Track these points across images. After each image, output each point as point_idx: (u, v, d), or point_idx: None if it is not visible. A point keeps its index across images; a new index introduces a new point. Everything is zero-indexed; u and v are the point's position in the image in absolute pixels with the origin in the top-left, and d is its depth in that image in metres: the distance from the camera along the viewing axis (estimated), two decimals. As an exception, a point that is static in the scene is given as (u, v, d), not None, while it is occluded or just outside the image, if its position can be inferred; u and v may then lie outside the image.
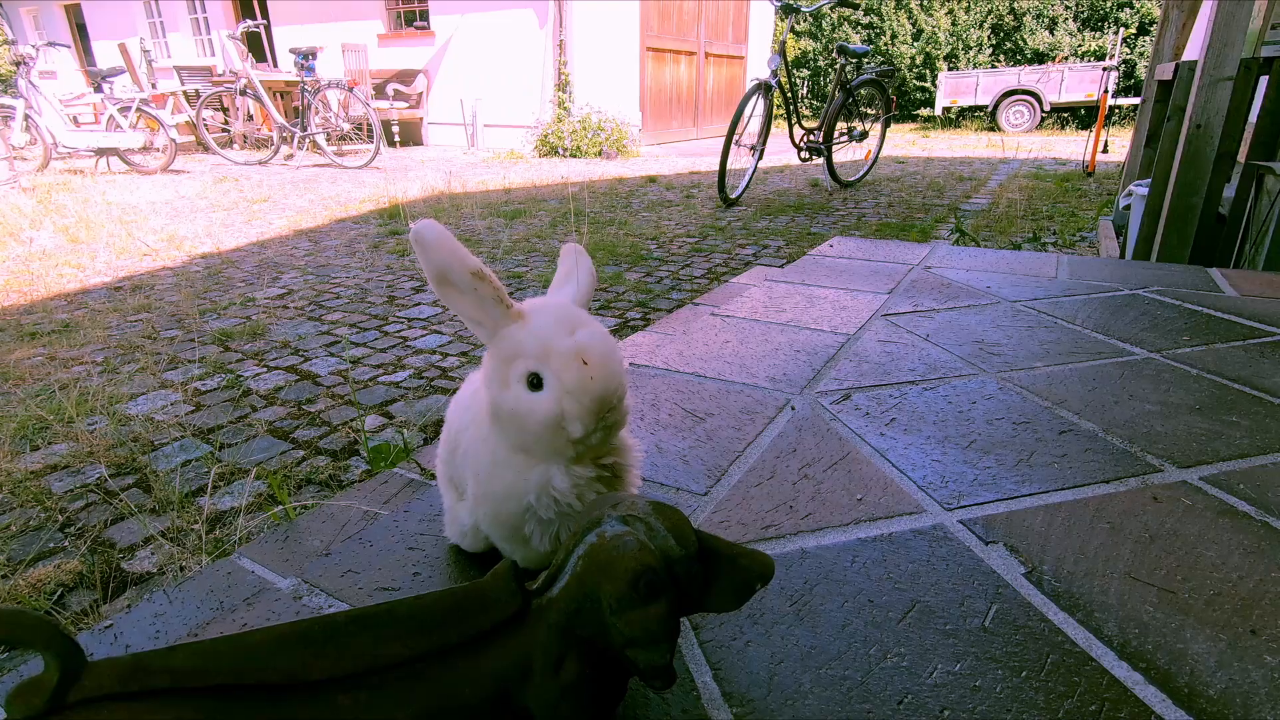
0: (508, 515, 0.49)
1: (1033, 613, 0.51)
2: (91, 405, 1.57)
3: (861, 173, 4.99)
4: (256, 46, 8.97)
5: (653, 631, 0.35)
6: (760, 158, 4.30)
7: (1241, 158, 1.97)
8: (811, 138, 4.46)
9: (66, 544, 1.12)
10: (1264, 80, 1.88)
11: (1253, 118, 1.98)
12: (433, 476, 0.96)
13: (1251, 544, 0.59)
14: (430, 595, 0.36)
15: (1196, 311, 1.18)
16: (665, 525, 0.37)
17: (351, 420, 1.51)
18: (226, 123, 7.37)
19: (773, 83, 3.99)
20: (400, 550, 0.59)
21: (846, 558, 0.57)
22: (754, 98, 3.94)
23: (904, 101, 12.42)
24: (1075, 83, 9.90)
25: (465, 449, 0.52)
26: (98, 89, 5.92)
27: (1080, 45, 11.30)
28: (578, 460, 0.47)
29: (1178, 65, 2.18)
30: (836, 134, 4.59)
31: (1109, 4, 11.10)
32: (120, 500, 1.22)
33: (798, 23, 5.72)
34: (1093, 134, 5.72)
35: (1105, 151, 6.45)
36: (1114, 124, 9.27)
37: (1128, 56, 10.59)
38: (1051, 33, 11.55)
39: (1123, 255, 2.46)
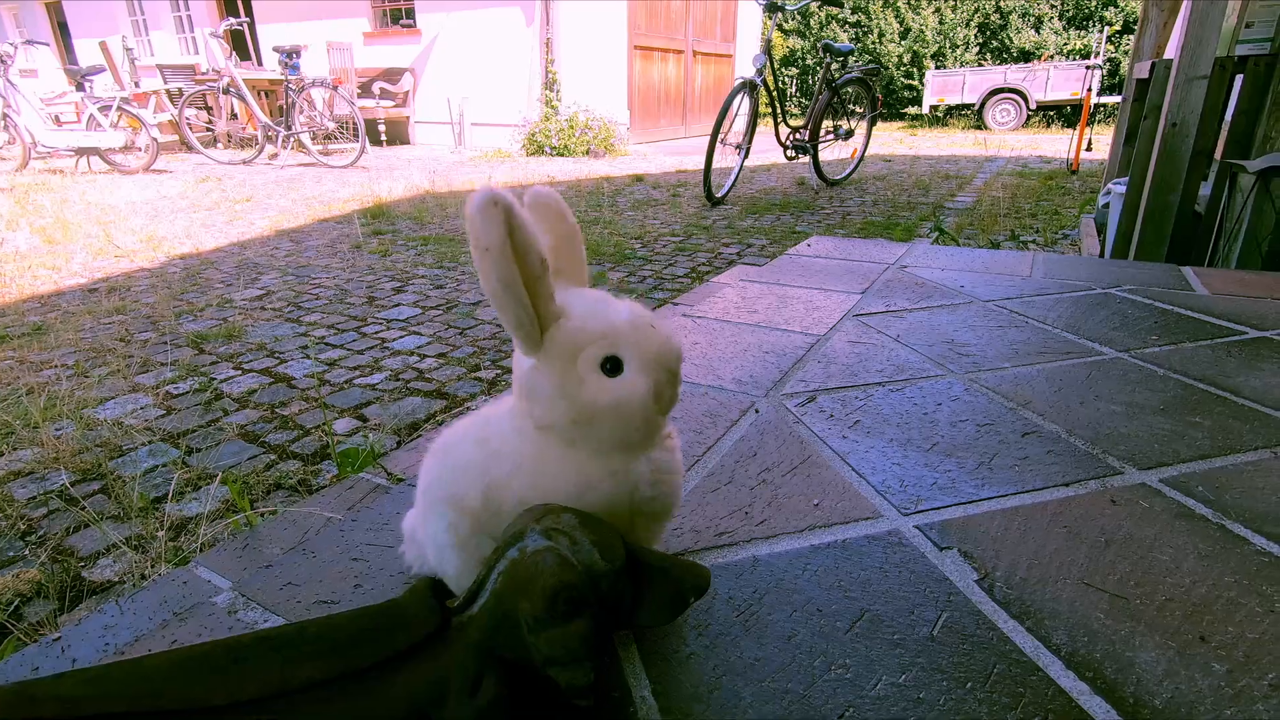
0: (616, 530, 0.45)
1: (982, 621, 0.51)
2: (59, 410, 1.55)
3: (847, 171, 5.00)
4: (240, 44, 8.89)
5: (573, 650, 0.34)
6: (746, 156, 4.29)
7: (1218, 156, 1.98)
8: (797, 136, 4.46)
9: (26, 553, 1.10)
10: (1239, 79, 1.88)
11: (1229, 116, 1.99)
12: (399, 480, 0.95)
13: (1206, 548, 0.58)
14: (344, 614, 0.35)
15: (1167, 310, 1.18)
16: (590, 539, 0.36)
17: (324, 424, 1.49)
18: (210, 122, 7.30)
19: (758, 81, 3.98)
20: (344, 562, 0.58)
21: (798, 566, 0.56)
22: (739, 96, 3.93)
23: (891, 100, 12.46)
24: (1060, 81, 9.96)
25: (522, 496, 0.43)
26: (79, 87, 5.85)
27: (1065, 44, 11.36)
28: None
29: (1154, 64, 2.19)
30: (823, 132, 4.59)
31: (1093, 3, 11.17)
32: (83, 508, 1.19)
33: (784, 21, 5.72)
34: (1077, 132, 5.75)
35: (1089, 149, 6.49)
36: (1098, 122, 9.33)
37: (1112, 55, 10.66)
38: (1037, 31, 11.61)
39: (1103, 253, 2.47)
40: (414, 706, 0.34)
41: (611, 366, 0.42)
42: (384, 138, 7.80)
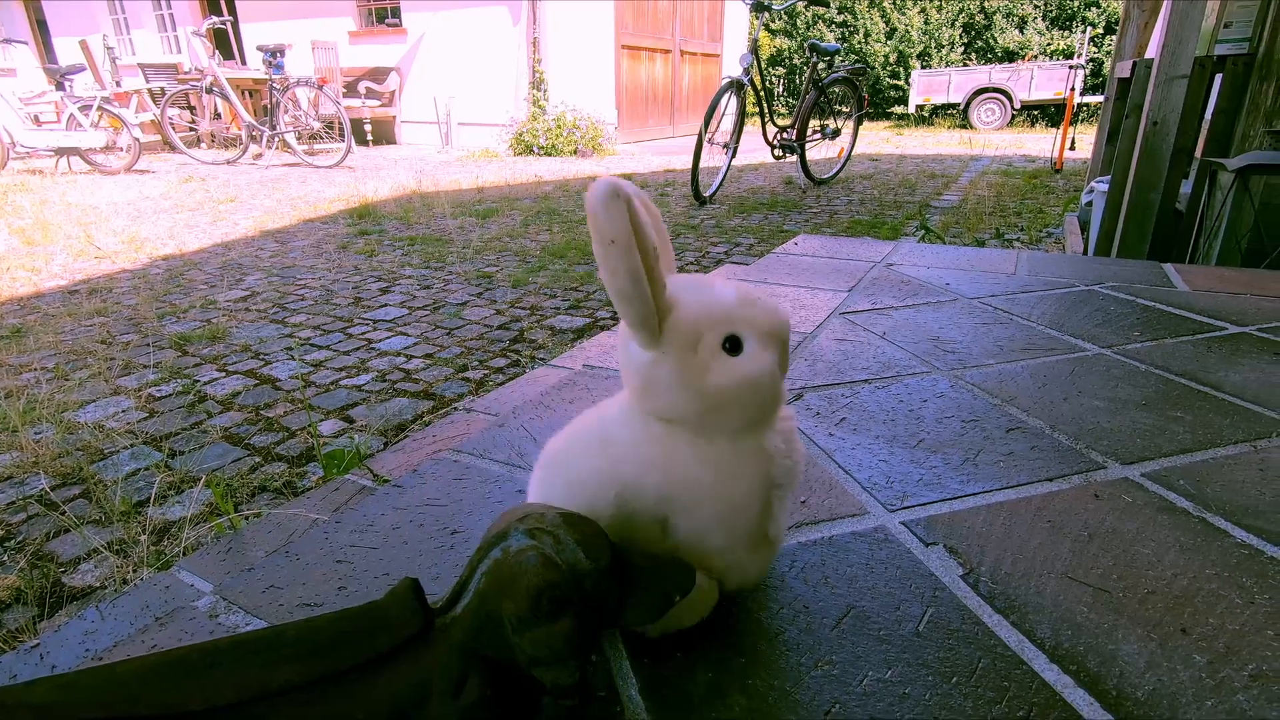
0: (755, 512, 0.44)
1: (968, 616, 0.51)
2: (39, 413, 1.53)
3: (834, 170, 5.02)
4: (224, 43, 8.80)
5: (557, 650, 0.34)
6: (734, 156, 4.30)
7: (1198, 154, 2.00)
8: (785, 135, 4.47)
9: (5, 559, 1.08)
10: (1218, 78, 1.91)
11: (1208, 115, 2.02)
12: (384, 481, 0.94)
13: (1188, 541, 0.59)
14: (324, 617, 0.34)
15: (1149, 307, 1.19)
16: (575, 538, 0.36)
17: (310, 425, 1.48)
18: (193, 121, 7.22)
19: (745, 80, 3.99)
20: (328, 564, 0.57)
21: (785, 563, 0.56)
22: (726, 96, 3.94)
23: (878, 99, 12.53)
24: (1044, 81, 10.06)
25: (661, 493, 0.43)
26: (58, 87, 5.77)
27: (1049, 44, 11.47)
28: None
29: (1135, 63, 2.21)
30: (810, 132, 4.60)
31: (1076, 3, 11.28)
32: (63, 512, 1.18)
33: (771, 21, 5.73)
34: (1060, 131, 5.81)
35: (1073, 148, 6.55)
36: (1081, 121, 9.43)
37: (1095, 55, 10.78)
38: (1021, 31, 11.72)
39: (1086, 251, 2.50)
40: (396, 708, 0.33)
41: (731, 346, 0.42)
42: (370, 137, 7.75)
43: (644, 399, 0.43)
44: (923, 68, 11.99)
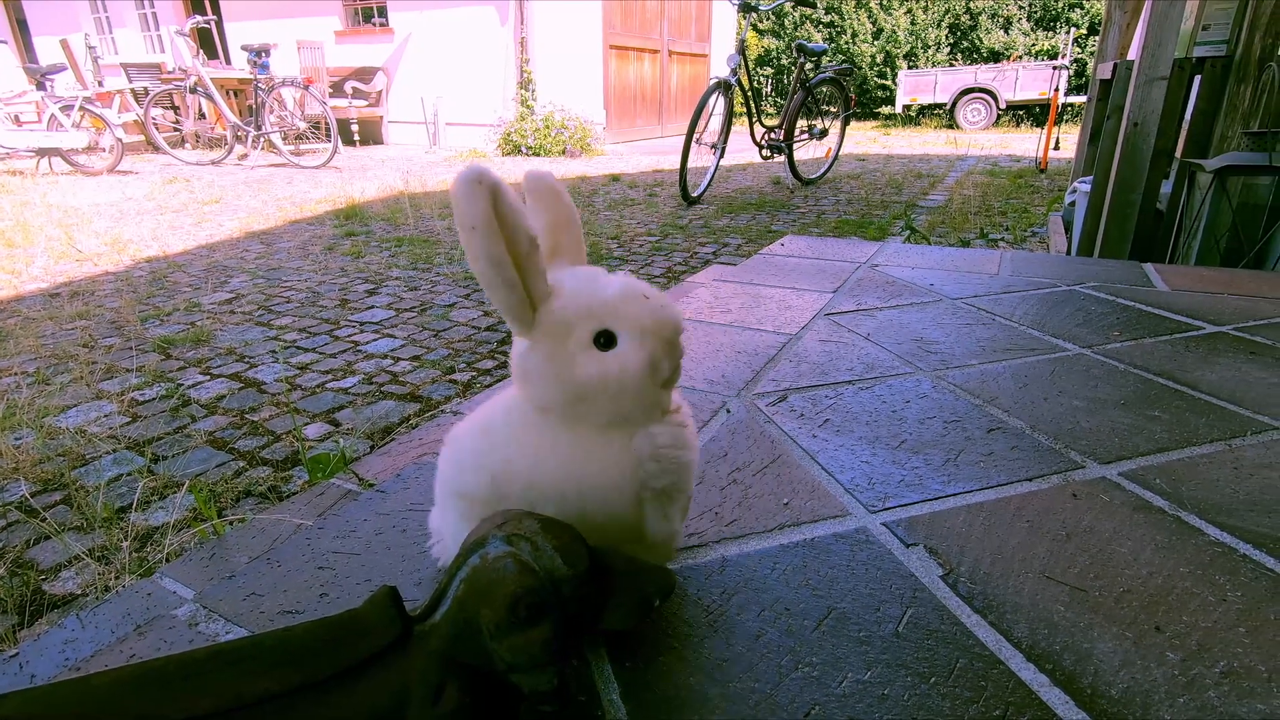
0: (621, 508, 0.44)
1: (946, 616, 0.51)
2: (19, 419, 1.51)
3: (822, 170, 5.04)
4: (207, 43, 8.72)
5: (535, 656, 0.34)
6: (722, 156, 4.31)
7: (1178, 155, 2.03)
8: (773, 136, 4.49)
9: (-17, 567, 1.06)
10: (1197, 79, 1.93)
11: (1188, 116, 2.04)
12: (369, 485, 0.94)
13: (1163, 539, 0.60)
14: (302, 625, 0.34)
15: (1129, 307, 1.21)
16: (553, 544, 0.36)
17: (295, 429, 1.47)
18: (177, 121, 7.15)
19: (732, 81, 4.00)
20: (309, 570, 0.57)
21: (767, 565, 0.57)
22: (714, 96, 3.95)
23: (865, 99, 12.59)
24: (1029, 81, 10.14)
25: (529, 479, 0.44)
26: (39, 86, 5.69)
27: (1034, 44, 11.57)
28: (664, 410, 0.45)
29: (1116, 64, 2.23)
30: (797, 132, 4.62)
31: (1060, 4, 11.39)
32: (43, 519, 1.16)
33: (758, 21, 5.75)
34: (1045, 131, 5.86)
35: (1057, 148, 6.61)
36: (1065, 121, 9.51)
37: (1079, 56, 10.88)
38: (1006, 32, 11.81)
39: (1070, 250, 2.52)
40: (374, 716, 0.33)
41: (605, 340, 0.42)
42: (357, 138, 7.70)
43: (520, 386, 0.45)
44: (909, 68, 12.06)
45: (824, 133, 4.82)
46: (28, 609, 0.98)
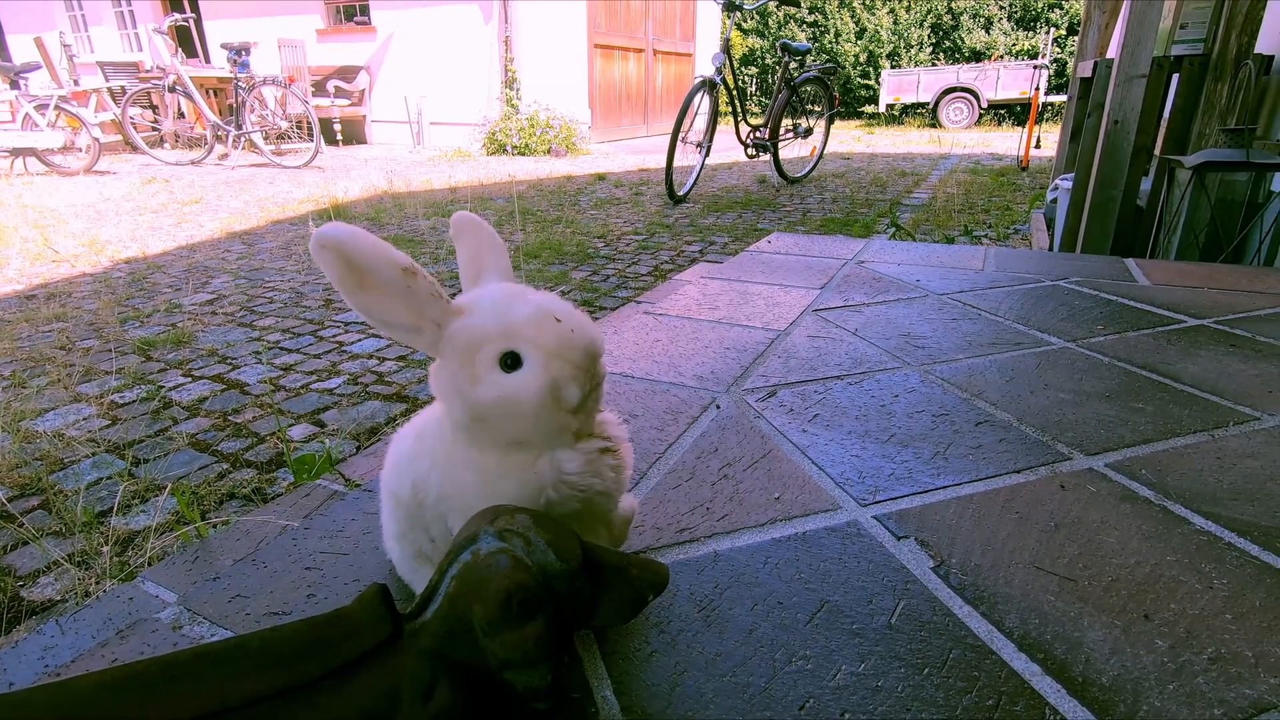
0: None
1: (938, 607, 0.51)
2: (-6, 423, 1.47)
3: (807, 169, 5.06)
4: (186, 41, 8.60)
5: (528, 653, 0.33)
6: (707, 155, 4.31)
7: (1158, 152, 2.05)
8: (758, 134, 4.50)
9: (-41, 574, 1.04)
10: (1175, 78, 1.96)
11: (1167, 114, 2.07)
12: (355, 485, 0.93)
13: (1150, 529, 0.60)
14: (289, 625, 0.34)
15: (1112, 301, 1.22)
16: (545, 539, 0.36)
17: (279, 430, 1.45)
18: (156, 121, 7.04)
19: (717, 80, 4.01)
20: (296, 571, 0.56)
21: (759, 559, 0.56)
22: (699, 95, 3.95)
23: (849, 99, 12.67)
24: (1010, 80, 10.25)
25: (440, 491, 0.44)
26: (13, 85, 5.58)
27: (1014, 44, 11.70)
28: (579, 435, 0.44)
29: (1096, 63, 2.26)
30: (782, 131, 4.64)
31: (1041, 4, 11.52)
32: (21, 525, 1.14)
33: (743, 20, 5.77)
34: (1026, 130, 5.92)
35: (1038, 147, 6.69)
36: (1046, 120, 9.62)
37: (1059, 55, 11.01)
38: (987, 32, 11.93)
39: (1052, 247, 2.55)
40: (365, 716, 0.33)
41: (511, 362, 0.42)
42: (340, 137, 7.63)
43: (438, 401, 0.46)
44: (892, 67, 12.14)
45: (809, 131, 4.84)
46: (5, 616, 0.96)
